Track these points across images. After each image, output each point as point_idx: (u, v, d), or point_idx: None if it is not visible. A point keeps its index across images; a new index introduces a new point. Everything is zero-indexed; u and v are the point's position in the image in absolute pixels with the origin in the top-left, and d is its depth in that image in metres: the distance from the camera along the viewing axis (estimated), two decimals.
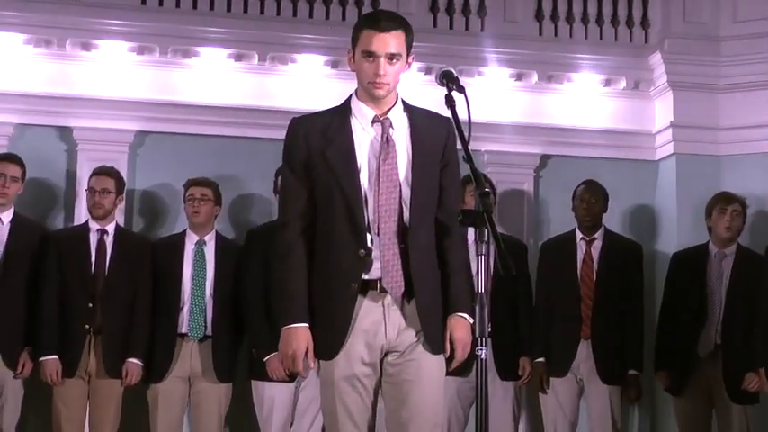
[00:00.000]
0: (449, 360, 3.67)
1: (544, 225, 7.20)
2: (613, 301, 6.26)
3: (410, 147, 3.64)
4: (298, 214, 3.65)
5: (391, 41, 3.60)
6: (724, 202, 6.32)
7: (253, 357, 6.00)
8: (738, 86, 7.12)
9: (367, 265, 3.56)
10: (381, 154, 3.60)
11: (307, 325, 3.58)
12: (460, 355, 3.62)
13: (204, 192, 6.17)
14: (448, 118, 3.55)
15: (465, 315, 3.63)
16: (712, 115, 7.17)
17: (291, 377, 5.90)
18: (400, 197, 3.59)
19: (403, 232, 3.58)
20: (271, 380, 5.90)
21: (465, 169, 3.57)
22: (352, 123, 3.67)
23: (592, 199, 6.43)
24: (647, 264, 6.83)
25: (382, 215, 3.56)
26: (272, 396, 5.95)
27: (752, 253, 6.38)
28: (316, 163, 3.63)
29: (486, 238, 3.18)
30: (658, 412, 6.99)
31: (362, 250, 3.55)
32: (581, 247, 6.41)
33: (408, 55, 3.69)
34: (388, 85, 3.62)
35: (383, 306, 3.59)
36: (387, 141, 3.62)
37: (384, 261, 3.56)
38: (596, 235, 6.43)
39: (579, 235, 6.45)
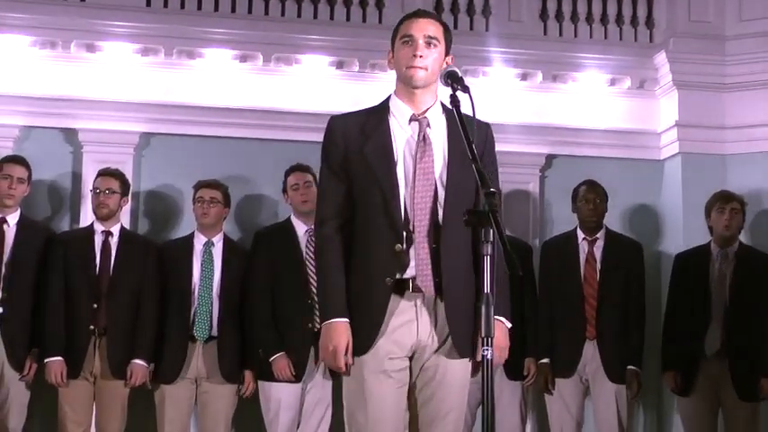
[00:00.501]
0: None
1: (549, 225, 7.19)
2: (617, 300, 6.26)
3: (447, 147, 3.65)
4: (335, 211, 3.66)
5: (429, 27, 3.66)
6: (722, 201, 6.33)
7: (259, 358, 6.00)
8: (744, 85, 7.11)
9: (402, 262, 3.56)
10: (418, 152, 3.61)
11: (346, 320, 3.57)
12: (498, 360, 3.61)
13: (213, 194, 6.18)
14: (487, 123, 3.57)
15: (502, 319, 3.64)
16: (718, 114, 7.16)
17: (297, 377, 5.90)
18: (435, 196, 3.59)
19: (437, 231, 3.58)
20: (277, 380, 5.91)
21: None
22: (389, 121, 3.68)
23: (597, 199, 6.44)
24: (653, 263, 6.83)
25: (417, 213, 3.57)
26: (278, 397, 5.94)
27: (754, 251, 6.40)
28: (353, 160, 3.64)
29: (491, 239, 3.17)
30: (664, 412, 6.99)
31: (399, 245, 3.55)
32: (583, 248, 6.40)
33: (447, 51, 3.72)
34: (426, 69, 3.63)
35: (416, 306, 3.58)
36: (423, 140, 3.63)
37: (418, 259, 3.55)
38: (598, 235, 6.43)
39: (581, 235, 6.44)
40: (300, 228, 6.05)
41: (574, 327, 6.24)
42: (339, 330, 3.55)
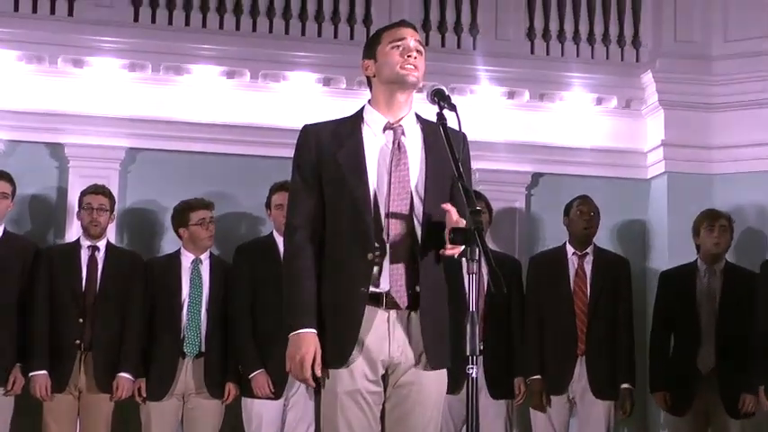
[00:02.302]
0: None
1: (536, 243, 7.18)
2: (606, 315, 6.26)
3: (424, 156, 3.61)
4: (306, 219, 3.60)
5: (416, 34, 3.67)
6: (711, 218, 6.35)
7: (241, 374, 5.98)
8: (729, 105, 7.14)
9: (375, 274, 3.50)
10: (393, 160, 3.57)
11: (314, 331, 3.49)
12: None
13: (212, 214, 6.19)
14: (463, 133, 3.52)
15: None
16: (703, 134, 7.19)
17: (277, 394, 5.88)
18: (411, 205, 3.55)
19: (412, 242, 3.52)
20: (258, 397, 5.89)
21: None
22: (363, 130, 3.64)
23: (591, 212, 6.45)
24: (639, 281, 6.85)
25: (392, 222, 3.52)
26: (260, 414, 5.94)
27: (740, 269, 6.42)
28: (325, 168, 3.59)
29: (477, 257, 3.16)
30: (650, 430, 6.98)
31: (371, 254, 3.49)
32: (573, 262, 6.40)
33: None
34: (418, 71, 3.61)
35: (388, 322, 3.52)
36: (398, 148, 3.59)
37: (392, 271, 3.50)
38: (588, 250, 6.43)
39: (571, 250, 6.44)
40: (282, 244, 6.01)
41: (565, 343, 6.22)
42: (307, 341, 3.48)
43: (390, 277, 3.51)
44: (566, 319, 6.25)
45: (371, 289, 3.50)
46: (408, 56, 3.59)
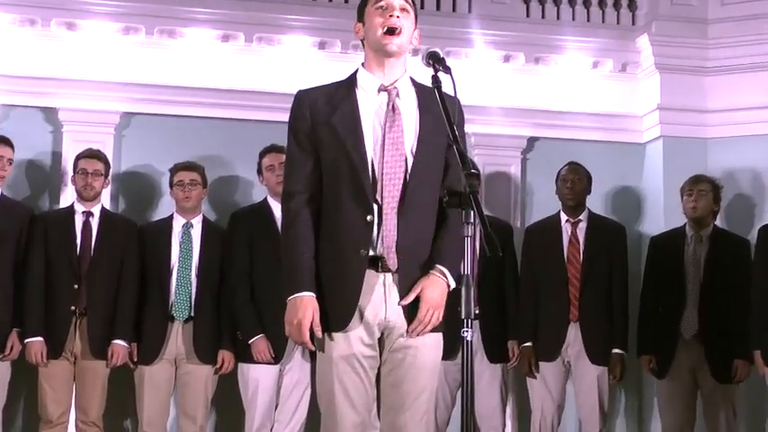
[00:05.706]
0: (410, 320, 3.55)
1: (530, 207, 7.20)
2: (600, 281, 6.28)
3: (418, 118, 3.61)
4: (303, 185, 3.60)
5: None
6: (692, 183, 6.37)
7: (238, 340, 5.99)
8: (725, 69, 7.13)
9: (373, 236, 3.50)
10: (387, 122, 3.57)
11: (313, 294, 3.50)
12: (423, 315, 3.52)
13: (193, 176, 6.16)
14: (456, 97, 3.51)
15: (445, 272, 3.55)
16: (699, 98, 7.18)
17: (276, 359, 5.90)
18: (406, 168, 3.55)
19: (404, 203, 3.53)
20: (255, 362, 5.91)
21: None
22: (357, 93, 3.64)
23: (575, 178, 6.45)
24: (634, 246, 6.85)
25: (386, 184, 3.52)
26: (256, 379, 5.94)
27: (729, 234, 6.44)
28: (321, 132, 3.59)
29: (471, 220, 3.15)
30: (644, 394, 7.02)
31: (370, 216, 3.50)
32: (566, 229, 6.41)
33: (414, 26, 3.69)
34: (401, 34, 3.59)
35: (384, 285, 3.53)
36: (393, 109, 3.59)
37: (385, 232, 3.51)
38: (581, 216, 6.44)
39: (564, 217, 6.45)
40: (277, 208, 6.00)
41: (557, 309, 6.24)
42: (305, 304, 3.48)
43: (383, 239, 3.51)
44: (559, 286, 6.27)
45: (371, 251, 3.51)
46: (390, 15, 3.58)
